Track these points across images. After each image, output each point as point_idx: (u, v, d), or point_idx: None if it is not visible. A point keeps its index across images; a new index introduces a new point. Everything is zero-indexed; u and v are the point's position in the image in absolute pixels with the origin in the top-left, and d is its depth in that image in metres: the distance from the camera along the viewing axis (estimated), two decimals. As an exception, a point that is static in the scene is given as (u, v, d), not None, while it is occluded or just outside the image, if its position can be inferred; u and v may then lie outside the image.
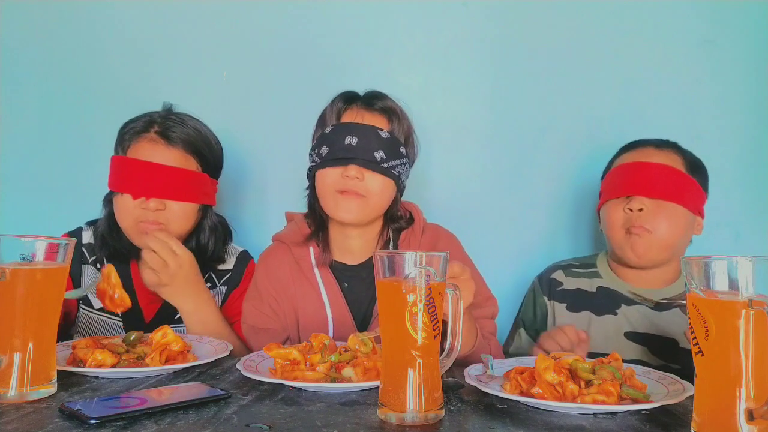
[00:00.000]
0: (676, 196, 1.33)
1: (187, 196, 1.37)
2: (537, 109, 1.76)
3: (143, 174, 1.33)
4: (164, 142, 1.36)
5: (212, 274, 1.49)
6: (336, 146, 1.25)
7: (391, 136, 1.28)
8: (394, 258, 0.77)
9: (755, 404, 0.64)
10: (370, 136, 1.25)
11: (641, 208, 1.32)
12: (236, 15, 1.80)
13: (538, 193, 1.76)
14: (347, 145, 1.24)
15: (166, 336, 1.05)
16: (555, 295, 1.48)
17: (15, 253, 0.84)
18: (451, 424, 0.76)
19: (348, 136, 1.25)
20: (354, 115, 1.29)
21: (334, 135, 1.27)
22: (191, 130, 1.40)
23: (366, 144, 1.24)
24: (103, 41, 1.83)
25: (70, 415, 0.75)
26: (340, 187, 1.26)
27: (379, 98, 1.33)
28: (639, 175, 1.35)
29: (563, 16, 1.75)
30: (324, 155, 1.27)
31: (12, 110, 1.85)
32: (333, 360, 0.95)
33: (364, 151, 1.24)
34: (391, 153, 1.27)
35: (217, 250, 1.48)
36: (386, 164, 1.26)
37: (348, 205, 1.26)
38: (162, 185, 1.33)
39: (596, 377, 0.85)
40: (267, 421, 0.75)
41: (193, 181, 1.38)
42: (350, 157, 1.24)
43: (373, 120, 1.29)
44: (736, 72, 1.71)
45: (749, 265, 0.65)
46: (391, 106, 1.32)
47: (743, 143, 1.71)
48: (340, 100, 1.33)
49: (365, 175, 1.25)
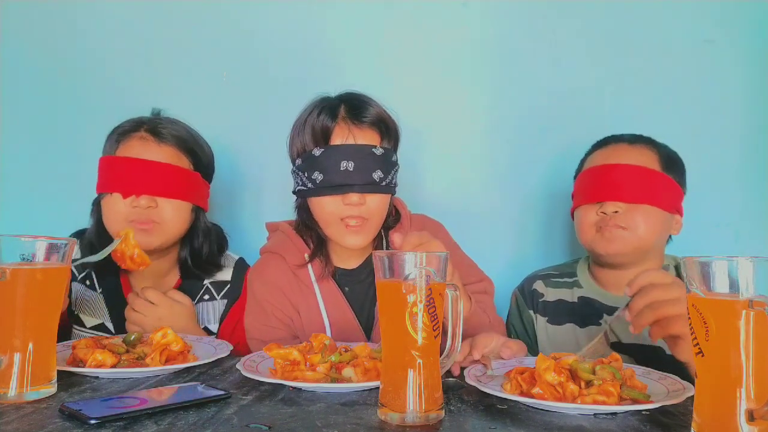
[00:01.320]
0: (650, 197, 1.28)
1: (179, 193, 1.33)
2: (537, 109, 1.76)
3: (134, 171, 1.29)
4: (155, 140, 1.33)
5: (210, 287, 1.45)
6: (331, 173, 1.20)
7: (385, 151, 1.24)
8: (394, 258, 0.77)
9: (756, 405, 0.64)
10: (366, 158, 1.21)
11: (616, 210, 1.29)
12: (234, 17, 1.81)
13: (538, 193, 1.76)
14: (344, 171, 1.20)
15: (166, 336, 1.04)
16: (538, 307, 1.44)
17: (15, 253, 0.84)
18: (452, 424, 0.76)
19: (343, 161, 1.20)
20: (344, 134, 1.23)
21: (327, 160, 1.21)
22: (182, 129, 1.38)
23: (363, 166, 1.20)
24: (103, 42, 1.83)
25: (70, 415, 0.75)
26: (343, 215, 1.23)
27: (364, 107, 1.26)
28: (610, 179, 1.30)
29: (563, 16, 1.75)
30: (319, 182, 1.22)
31: (12, 110, 1.85)
32: (333, 360, 0.95)
33: (361, 176, 1.20)
34: (387, 168, 1.24)
35: (212, 255, 1.45)
36: (384, 182, 1.24)
37: (355, 237, 1.24)
38: (153, 182, 1.29)
39: (596, 378, 0.85)
40: (267, 421, 0.75)
41: (186, 178, 1.34)
42: (349, 184, 1.20)
43: (365, 136, 1.24)
44: (736, 72, 1.71)
45: (749, 265, 0.65)
46: (379, 116, 1.26)
47: (743, 143, 1.71)
48: (325, 114, 1.24)
49: (366, 198, 1.23)
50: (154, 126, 1.34)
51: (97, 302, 1.39)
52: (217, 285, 1.46)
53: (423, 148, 1.75)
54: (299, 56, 1.79)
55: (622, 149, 1.35)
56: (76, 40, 1.84)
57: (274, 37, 1.80)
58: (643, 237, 1.29)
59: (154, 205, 1.30)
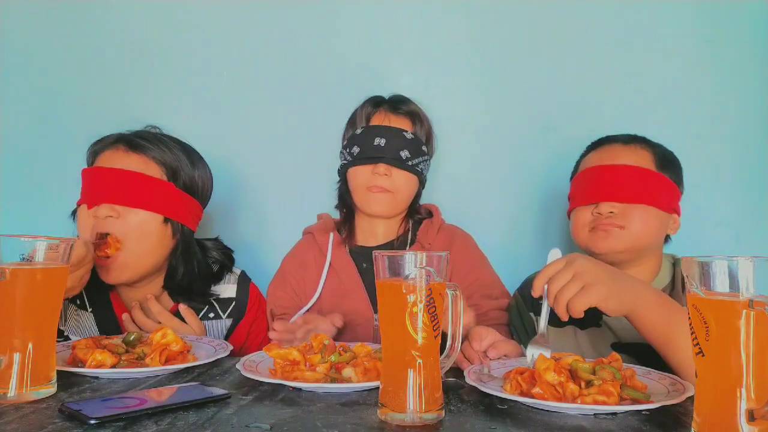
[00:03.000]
0: (646, 197, 1.27)
1: (142, 203, 1.22)
2: (537, 109, 1.76)
3: (97, 181, 1.23)
4: (125, 149, 1.27)
5: (215, 304, 1.39)
6: (366, 146, 1.40)
7: (414, 137, 1.42)
8: (394, 258, 0.77)
9: (756, 405, 0.64)
10: (397, 138, 1.39)
11: (611, 211, 1.28)
12: (234, 20, 1.81)
13: (538, 193, 1.76)
14: (376, 145, 1.39)
15: (166, 336, 1.04)
16: (538, 309, 1.44)
17: (15, 253, 0.84)
18: (452, 424, 0.76)
19: (377, 137, 1.39)
20: (382, 119, 1.43)
21: (364, 137, 1.41)
22: (164, 140, 1.30)
23: (393, 144, 1.39)
24: (103, 43, 1.83)
25: (70, 416, 0.75)
26: (371, 183, 1.39)
27: (403, 102, 1.47)
28: (605, 180, 1.30)
29: (563, 16, 1.75)
30: (355, 154, 1.41)
31: (12, 110, 1.85)
32: (333, 360, 0.95)
33: (391, 151, 1.38)
34: (414, 152, 1.41)
35: (195, 281, 1.34)
36: (411, 162, 1.40)
37: (378, 200, 1.40)
38: (113, 190, 1.21)
39: (596, 378, 0.85)
40: (267, 421, 0.75)
41: (151, 187, 1.24)
42: (379, 156, 1.38)
43: (399, 123, 1.43)
44: (736, 72, 1.71)
45: (750, 265, 0.65)
46: (414, 110, 1.46)
47: (743, 143, 1.71)
48: (369, 104, 1.47)
49: (392, 172, 1.39)
50: (132, 136, 1.29)
51: (87, 321, 1.34)
52: (222, 303, 1.40)
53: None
54: (299, 59, 1.79)
55: (617, 150, 1.34)
56: (77, 40, 1.84)
57: (275, 43, 1.80)
58: (638, 235, 1.28)
59: (115, 215, 1.21)
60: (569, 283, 1.00)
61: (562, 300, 1.00)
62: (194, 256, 1.36)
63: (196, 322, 1.29)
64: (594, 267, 1.01)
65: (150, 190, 1.24)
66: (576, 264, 1.01)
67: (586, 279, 0.99)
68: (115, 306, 1.35)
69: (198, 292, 1.36)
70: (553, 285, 1.01)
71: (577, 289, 0.99)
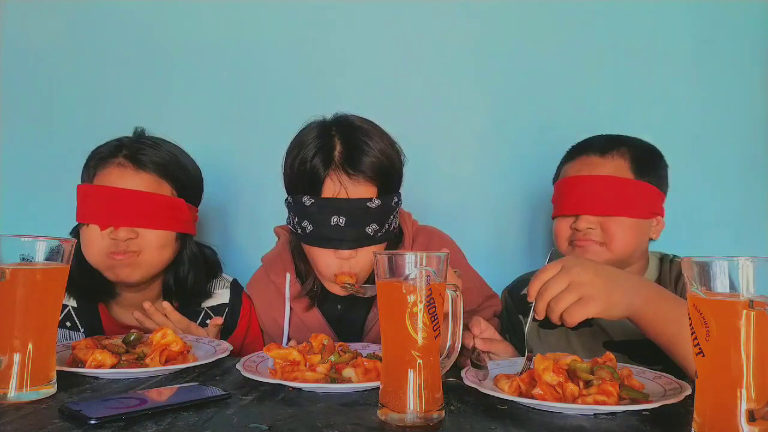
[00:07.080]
0: (624, 208, 1.26)
1: (160, 223, 1.26)
2: (536, 109, 1.76)
3: (111, 202, 1.22)
4: (133, 167, 1.25)
5: (208, 311, 1.39)
6: (321, 226, 1.14)
7: (382, 203, 1.15)
8: (394, 259, 0.77)
9: (756, 405, 0.64)
10: (359, 213, 1.13)
11: (590, 227, 1.28)
12: (232, 22, 1.81)
13: (537, 193, 1.76)
14: (334, 226, 1.12)
15: (166, 336, 1.04)
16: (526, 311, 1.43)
17: (15, 253, 0.84)
18: (452, 425, 0.76)
19: (334, 216, 1.12)
20: (336, 187, 1.13)
21: (317, 213, 1.13)
22: (164, 152, 1.30)
23: (355, 222, 1.13)
24: (103, 43, 1.83)
25: (70, 416, 0.75)
26: (335, 270, 1.18)
27: (361, 155, 1.13)
28: (582, 191, 1.29)
29: (563, 16, 1.75)
30: (309, 233, 1.16)
31: (12, 110, 1.85)
32: (333, 360, 0.95)
33: (354, 231, 1.13)
34: (383, 219, 1.16)
35: (198, 283, 1.36)
36: (380, 233, 1.17)
37: (345, 286, 1.17)
38: (132, 212, 1.22)
39: (595, 377, 0.86)
40: (267, 421, 0.75)
41: (167, 207, 1.27)
42: (339, 239, 1.13)
43: (359, 190, 1.13)
44: (735, 72, 1.71)
45: (750, 265, 0.65)
46: (377, 165, 1.14)
47: (743, 143, 1.71)
48: (318, 160, 1.13)
49: (358, 252, 1.16)
50: (134, 151, 1.27)
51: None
52: (215, 309, 1.40)
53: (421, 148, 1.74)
54: (298, 62, 1.79)
55: (593, 162, 1.32)
56: (77, 41, 1.84)
57: (272, 44, 1.80)
58: (618, 251, 1.28)
59: (135, 236, 1.24)
60: (564, 293, 0.96)
61: (556, 309, 0.97)
62: (196, 259, 1.38)
63: (177, 317, 1.27)
64: (591, 277, 0.97)
65: (166, 210, 1.28)
66: (573, 272, 0.97)
67: (584, 291, 0.96)
68: (104, 321, 1.35)
69: (196, 293, 1.38)
70: (547, 292, 0.98)
71: (573, 299, 0.95)
